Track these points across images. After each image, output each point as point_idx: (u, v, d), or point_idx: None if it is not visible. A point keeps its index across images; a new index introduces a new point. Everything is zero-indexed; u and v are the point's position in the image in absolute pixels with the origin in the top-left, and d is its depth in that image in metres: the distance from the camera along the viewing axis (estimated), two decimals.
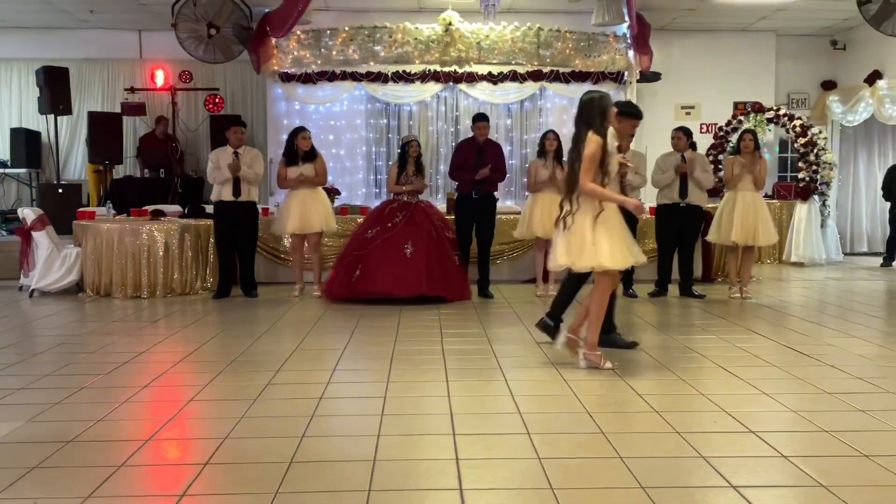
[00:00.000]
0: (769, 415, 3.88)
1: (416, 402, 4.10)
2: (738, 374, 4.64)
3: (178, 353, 5.29)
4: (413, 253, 7.18)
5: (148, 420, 3.84)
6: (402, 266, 7.13)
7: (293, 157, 7.65)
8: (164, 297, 7.72)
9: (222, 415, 3.92)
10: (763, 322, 6.42)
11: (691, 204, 7.65)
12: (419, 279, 7.11)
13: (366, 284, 7.16)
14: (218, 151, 7.64)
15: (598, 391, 4.34)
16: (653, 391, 4.27)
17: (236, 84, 12.04)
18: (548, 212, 7.45)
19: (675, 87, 11.89)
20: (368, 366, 4.97)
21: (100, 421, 3.75)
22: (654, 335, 5.93)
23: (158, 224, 7.92)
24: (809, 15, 11.09)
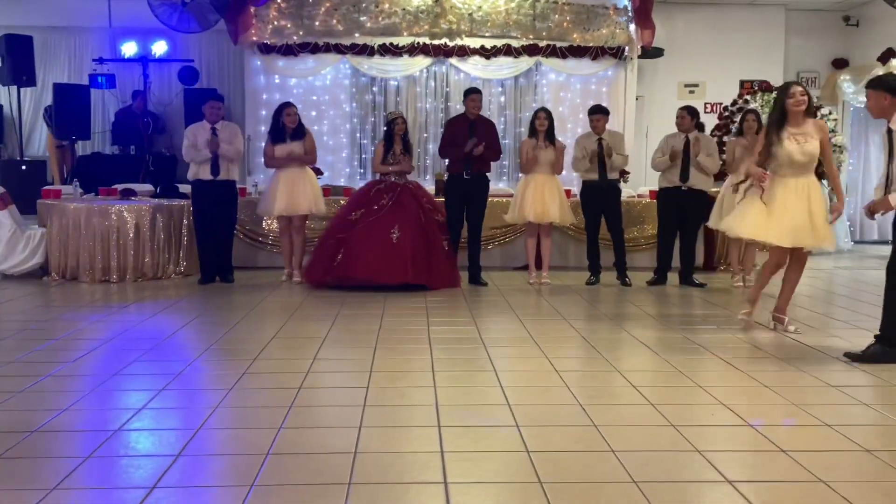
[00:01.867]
0: (769, 408, 3.94)
1: (400, 393, 4.13)
2: (737, 366, 4.70)
3: (149, 341, 5.30)
4: (400, 238, 7.18)
5: (117, 410, 3.86)
6: (387, 251, 7.13)
7: (280, 135, 7.64)
8: (135, 282, 7.72)
9: (196, 405, 3.95)
10: (766, 312, 6.49)
11: (693, 188, 7.68)
12: (405, 266, 7.11)
13: (347, 269, 7.16)
14: (194, 127, 7.61)
15: (590, 382, 4.39)
16: (649, 383, 4.33)
17: (212, 56, 11.98)
18: (539, 195, 7.46)
19: (678, 64, 11.92)
20: (350, 354, 5.01)
21: (66, 410, 3.77)
22: (652, 325, 5.99)
23: (129, 204, 7.90)
24: None
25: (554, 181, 7.61)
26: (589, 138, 7.77)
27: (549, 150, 7.53)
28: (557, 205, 7.54)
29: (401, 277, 7.11)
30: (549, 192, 7.54)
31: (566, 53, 10.87)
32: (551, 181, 7.59)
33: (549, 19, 10.57)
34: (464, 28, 10.51)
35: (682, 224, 7.86)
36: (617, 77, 11.16)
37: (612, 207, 7.80)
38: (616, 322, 6.08)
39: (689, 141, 7.66)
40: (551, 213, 7.52)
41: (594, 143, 7.68)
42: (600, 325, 6.01)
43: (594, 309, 6.65)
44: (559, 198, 7.58)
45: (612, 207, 7.80)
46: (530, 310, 6.57)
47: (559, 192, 7.62)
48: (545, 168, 7.53)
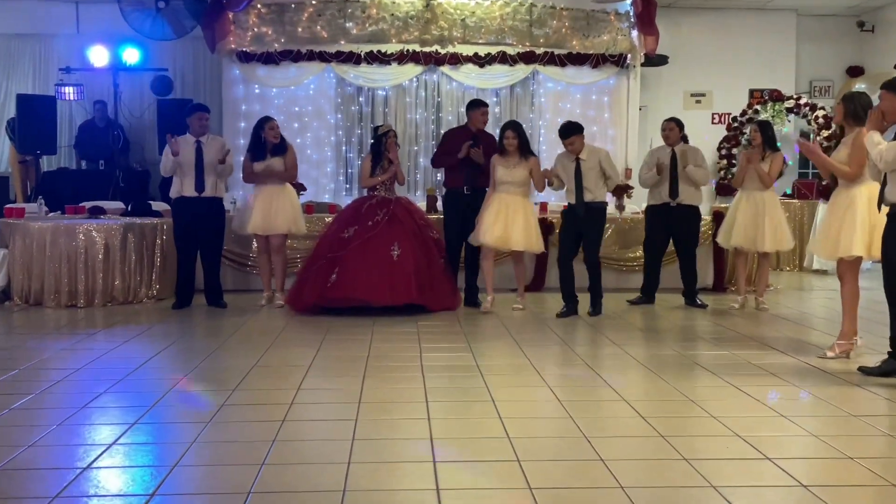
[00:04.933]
0: (786, 439, 3.93)
1: (392, 425, 4.11)
2: (752, 394, 4.69)
3: (119, 370, 5.25)
4: (401, 255, 7.16)
5: (85, 446, 3.82)
6: (389, 270, 7.09)
7: (260, 150, 7.63)
8: (104, 307, 7.67)
9: (171, 440, 3.91)
10: (779, 336, 6.49)
11: (683, 204, 7.72)
12: (408, 285, 7.08)
13: (344, 290, 7.06)
14: (175, 139, 7.59)
15: (595, 413, 4.37)
16: (656, 413, 4.31)
17: (187, 64, 12.01)
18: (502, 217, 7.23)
19: (683, 73, 12.01)
20: (337, 384, 4.97)
21: (31, 446, 3.72)
22: (658, 348, 5.98)
23: (97, 223, 7.87)
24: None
25: (521, 203, 7.32)
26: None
27: (519, 169, 7.29)
28: (521, 229, 7.26)
29: (405, 297, 7.07)
30: (514, 214, 7.27)
31: (565, 61, 10.94)
32: (518, 202, 7.31)
33: (546, 25, 10.65)
34: (456, 34, 10.58)
35: (675, 242, 7.91)
36: (619, 86, 11.23)
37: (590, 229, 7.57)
38: (621, 345, 6.06)
39: (676, 154, 7.71)
40: (513, 240, 7.26)
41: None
42: (603, 350, 5.99)
43: (597, 332, 6.63)
44: (524, 222, 7.28)
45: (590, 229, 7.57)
46: (529, 334, 6.55)
47: (525, 215, 7.31)
48: (513, 188, 7.30)
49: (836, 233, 5.47)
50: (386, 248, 7.15)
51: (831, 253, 5.61)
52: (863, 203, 5.37)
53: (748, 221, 7.50)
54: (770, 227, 7.42)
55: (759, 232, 7.44)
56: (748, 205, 7.55)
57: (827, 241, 5.59)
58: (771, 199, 7.54)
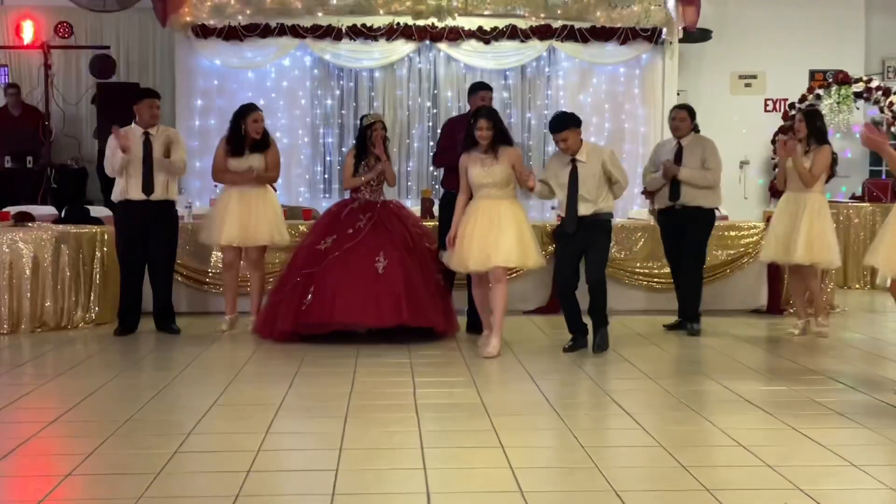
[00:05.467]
0: (860, 493, 3.92)
1: (380, 478, 4.09)
2: (815, 437, 4.68)
3: (50, 411, 5.24)
4: (387, 268, 7.13)
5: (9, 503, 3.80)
6: (372, 286, 7.02)
7: (239, 145, 7.62)
8: (32, 333, 7.67)
9: (111, 495, 3.89)
10: (846, 368, 6.49)
11: (688, 206, 7.71)
12: (398, 304, 7.01)
13: (321, 314, 7.05)
14: (123, 132, 7.60)
15: (626, 461, 4.36)
16: (700, 462, 4.30)
17: (132, 41, 12.03)
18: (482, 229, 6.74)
19: (730, 51, 12.05)
20: (314, 427, 4.97)
21: None
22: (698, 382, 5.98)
23: (25, 232, 7.87)
24: None
25: (509, 208, 6.82)
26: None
27: (498, 166, 6.76)
28: (513, 241, 6.71)
29: (394, 318, 7.00)
30: (501, 225, 6.75)
31: (587, 36, 10.98)
32: (504, 209, 6.80)
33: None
34: (456, 5, 10.62)
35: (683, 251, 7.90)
36: (652, 66, 11.27)
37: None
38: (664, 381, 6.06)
39: (682, 148, 7.74)
40: (502, 253, 6.69)
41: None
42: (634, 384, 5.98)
43: (627, 363, 6.63)
44: (516, 231, 6.76)
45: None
46: (544, 365, 6.54)
47: (517, 222, 6.81)
48: (496, 191, 6.80)
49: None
50: (369, 259, 7.12)
51: (893, 266, 5.66)
52: None
53: (785, 229, 7.53)
54: (805, 235, 7.36)
55: (793, 240, 7.42)
56: (786, 209, 7.59)
57: (889, 252, 5.60)
58: (813, 201, 7.47)
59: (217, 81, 10.95)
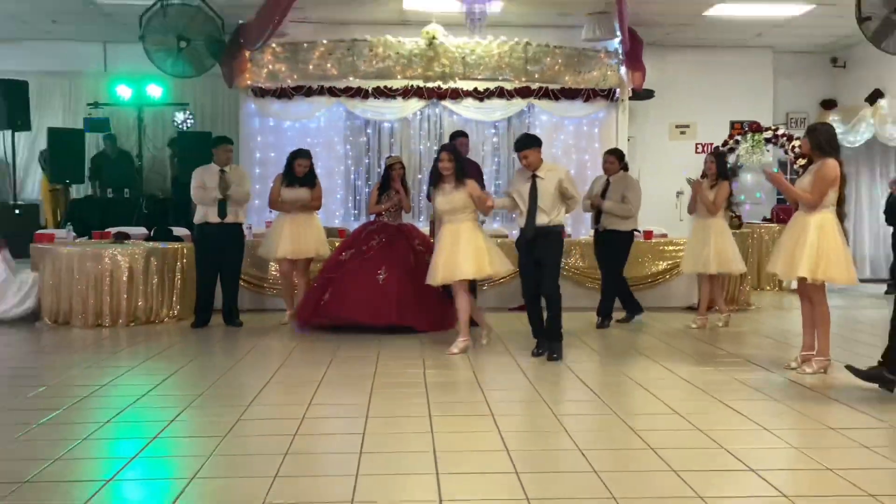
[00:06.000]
0: (770, 452, 3.91)
1: (398, 439, 4.09)
2: (738, 409, 4.66)
3: (141, 387, 5.24)
4: (386, 280, 7.23)
5: (109, 459, 3.80)
6: (372, 292, 7.16)
7: (291, 179, 7.68)
8: (127, 326, 7.66)
9: (189, 453, 3.89)
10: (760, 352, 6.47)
11: (608, 229, 7.70)
12: (389, 307, 7.13)
13: (334, 309, 7.22)
14: (201, 170, 7.61)
15: (590, 426, 4.35)
16: (647, 426, 4.28)
17: (206, 99, 12.05)
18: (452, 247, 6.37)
19: (669, 106, 12.03)
20: (346, 399, 4.97)
21: (57, 460, 3.70)
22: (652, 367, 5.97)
23: (122, 248, 7.87)
24: (808, 31, 11.29)
25: (468, 228, 6.40)
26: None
27: (457, 194, 6.38)
28: (470, 258, 6.32)
29: (385, 318, 7.11)
30: (456, 243, 6.36)
31: (558, 95, 10.97)
32: (465, 229, 6.39)
33: (541, 62, 10.69)
34: (457, 71, 10.61)
35: (601, 262, 7.92)
36: (609, 118, 11.25)
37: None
38: (618, 364, 6.04)
39: (610, 183, 7.72)
40: (462, 269, 6.32)
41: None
42: (600, 368, 5.96)
43: (594, 352, 6.61)
44: (473, 246, 6.36)
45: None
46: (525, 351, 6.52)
47: (474, 239, 6.38)
48: (457, 215, 6.40)
49: (790, 254, 5.52)
50: (374, 272, 7.27)
51: (785, 272, 5.75)
52: (815, 229, 5.43)
53: (699, 246, 7.56)
54: (716, 251, 7.43)
55: (706, 255, 7.47)
56: (698, 231, 7.64)
57: (783, 261, 5.64)
58: (717, 225, 7.53)
59: (271, 129, 10.95)
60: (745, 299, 9.05)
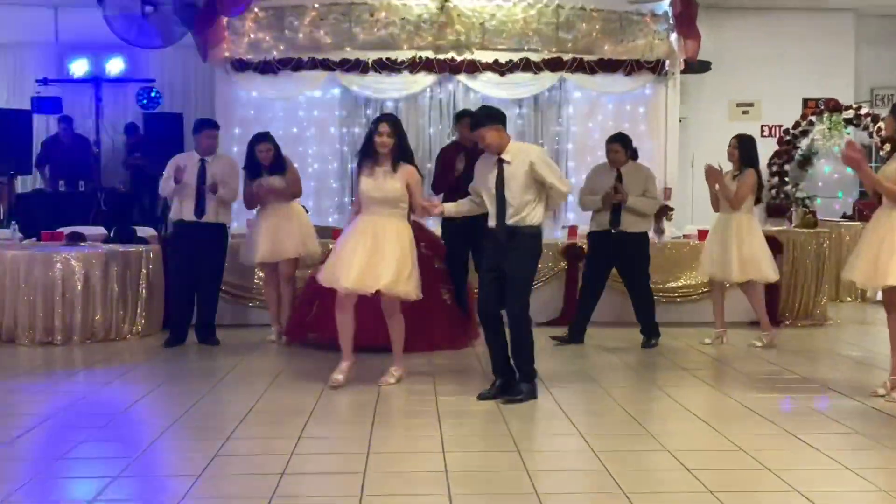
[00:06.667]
0: (854, 496, 3.90)
1: (405, 480, 4.08)
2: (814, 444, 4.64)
3: (101, 417, 5.26)
4: None
5: (63, 502, 3.81)
6: (366, 306, 6.39)
7: (255, 170, 7.63)
8: (83, 344, 7.68)
9: (158, 495, 3.90)
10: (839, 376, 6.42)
11: (626, 232, 7.58)
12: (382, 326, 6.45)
13: (320, 325, 7.05)
14: (179, 157, 7.60)
15: (635, 465, 4.33)
16: (703, 465, 4.26)
17: (176, 74, 12.12)
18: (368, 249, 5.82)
19: (729, 81, 12.02)
20: (343, 432, 4.96)
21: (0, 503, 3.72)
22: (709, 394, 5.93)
23: (77, 251, 7.92)
24: None
25: (394, 228, 5.90)
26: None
27: (391, 181, 5.87)
28: (391, 266, 5.78)
29: (381, 339, 6.50)
30: (380, 243, 5.85)
31: (595, 68, 10.95)
32: (390, 227, 5.89)
33: (575, 29, 10.69)
34: (474, 40, 10.63)
35: (622, 274, 7.79)
36: (656, 95, 11.23)
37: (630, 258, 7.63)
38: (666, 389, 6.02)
39: (621, 177, 7.57)
40: (381, 276, 5.77)
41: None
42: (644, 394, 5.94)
43: (633, 372, 6.59)
44: (399, 254, 5.83)
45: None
46: (558, 376, 6.51)
47: (399, 244, 5.87)
48: (384, 208, 5.90)
49: (874, 258, 5.47)
50: None
51: (868, 280, 5.68)
52: None
53: (718, 248, 7.50)
54: (738, 254, 7.35)
55: (727, 259, 7.39)
56: (719, 230, 7.56)
57: (864, 267, 5.58)
58: (742, 222, 7.45)
59: (253, 111, 10.99)
60: (822, 312, 9.01)
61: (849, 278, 5.88)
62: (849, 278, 5.88)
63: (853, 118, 11.71)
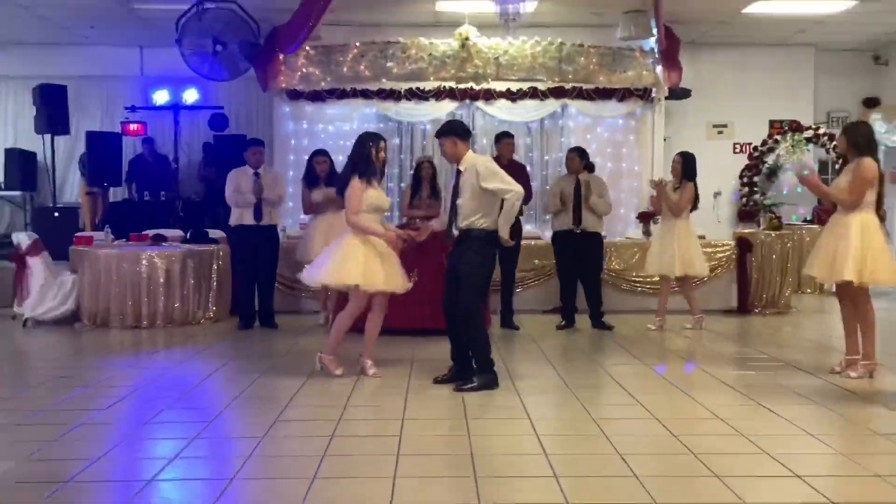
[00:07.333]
0: (816, 457, 3.86)
1: (434, 442, 4.09)
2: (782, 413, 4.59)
3: (179, 388, 5.31)
4: (417, 283, 7.14)
5: (149, 459, 3.85)
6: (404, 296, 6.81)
7: (313, 180, 7.71)
8: (164, 328, 7.75)
9: (228, 454, 3.93)
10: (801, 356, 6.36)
11: (588, 230, 7.66)
12: (422, 310, 6.96)
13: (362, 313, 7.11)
14: (236, 173, 7.68)
15: (630, 430, 4.31)
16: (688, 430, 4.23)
17: (241, 102, 12.18)
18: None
19: (706, 105, 11.90)
20: (382, 402, 4.97)
21: (98, 460, 3.75)
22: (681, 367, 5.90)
23: (159, 250, 7.98)
24: (851, 28, 11.10)
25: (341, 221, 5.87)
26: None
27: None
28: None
29: (416, 322, 6.97)
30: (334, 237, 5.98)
31: (593, 95, 10.88)
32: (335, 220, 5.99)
33: (575, 62, 10.62)
34: (490, 72, 10.59)
35: (581, 267, 7.76)
36: (644, 118, 11.15)
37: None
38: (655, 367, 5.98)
39: (580, 183, 7.67)
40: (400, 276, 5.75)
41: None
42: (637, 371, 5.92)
43: (631, 354, 6.55)
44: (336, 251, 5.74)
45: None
46: (563, 354, 6.49)
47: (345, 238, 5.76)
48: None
49: (831, 256, 5.41)
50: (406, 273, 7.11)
51: (826, 275, 5.62)
52: (856, 230, 5.31)
53: (663, 249, 7.51)
54: (680, 254, 7.38)
55: (669, 258, 7.41)
56: (663, 233, 7.60)
57: (822, 264, 5.52)
58: (681, 227, 7.47)
59: (305, 132, 11.02)
60: (786, 302, 8.94)
61: (809, 273, 5.81)
62: (809, 273, 5.81)
63: (812, 137, 11.59)
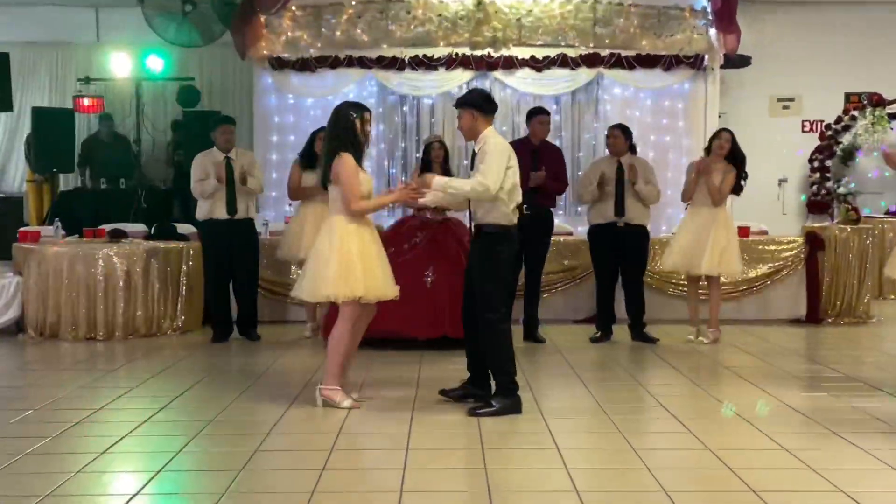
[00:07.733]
0: None
1: (444, 476, 4.09)
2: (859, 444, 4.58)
3: (142, 411, 5.31)
4: (434, 282, 7.12)
5: (105, 496, 3.87)
6: (419, 298, 6.95)
7: (311, 160, 7.61)
8: (125, 340, 7.77)
9: (199, 489, 3.94)
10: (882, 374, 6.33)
11: (631, 223, 7.57)
12: (441, 316, 7.00)
13: (372, 322, 7.10)
14: (202, 157, 7.66)
15: (677, 463, 4.30)
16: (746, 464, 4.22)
17: (215, 73, 12.23)
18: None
19: (769, 75, 11.87)
20: (382, 427, 4.98)
21: (46, 496, 3.77)
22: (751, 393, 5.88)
23: (118, 248, 8.01)
24: None
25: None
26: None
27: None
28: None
29: (436, 330, 6.98)
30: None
31: (633, 64, 10.86)
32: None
33: (612, 24, 10.61)
34: (511, 36, 10.59)
35: (622, 267, 7.69)
36: (695, 91, 11.12)
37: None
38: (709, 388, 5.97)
39: (623, 166, 7.56)
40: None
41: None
42: (686, 392, 5.90)
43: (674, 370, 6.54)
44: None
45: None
46: (597, 372, 6.48)
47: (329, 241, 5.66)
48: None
49: None
50: (419, 273, 7.11)
51: None
52: None
53: (689, 241, 7.41)
54: (711, 249, 7.28)
55: (698, 253, 7.31)
56: (693, 222, 7.48)
57: None
58: (720, 217, 7.41)
59: (291, 108, 11.05)
60: (865, 310, 8.90)
61: (891, 275, 5.78)
62: (891, 275, 5.78)
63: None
